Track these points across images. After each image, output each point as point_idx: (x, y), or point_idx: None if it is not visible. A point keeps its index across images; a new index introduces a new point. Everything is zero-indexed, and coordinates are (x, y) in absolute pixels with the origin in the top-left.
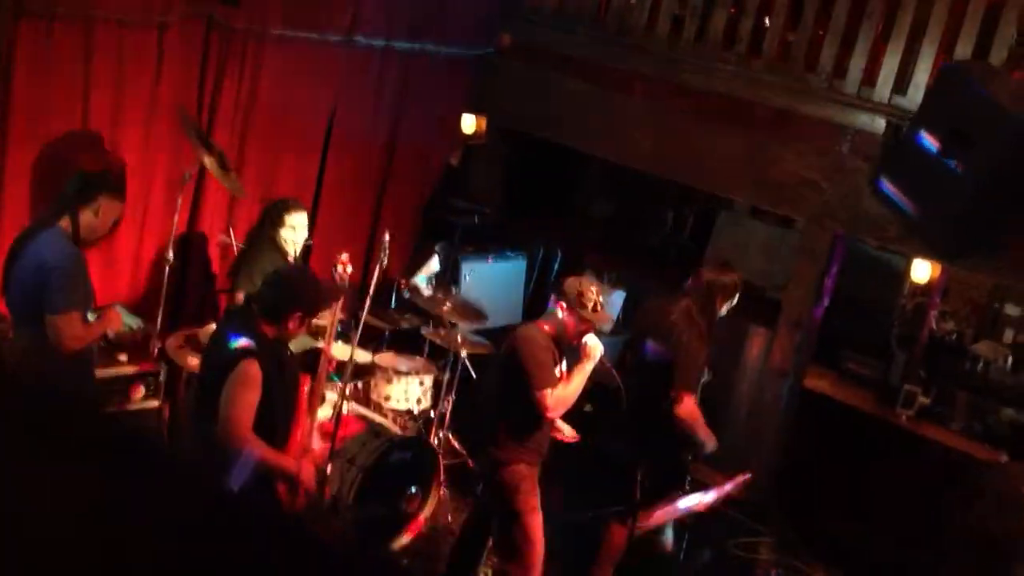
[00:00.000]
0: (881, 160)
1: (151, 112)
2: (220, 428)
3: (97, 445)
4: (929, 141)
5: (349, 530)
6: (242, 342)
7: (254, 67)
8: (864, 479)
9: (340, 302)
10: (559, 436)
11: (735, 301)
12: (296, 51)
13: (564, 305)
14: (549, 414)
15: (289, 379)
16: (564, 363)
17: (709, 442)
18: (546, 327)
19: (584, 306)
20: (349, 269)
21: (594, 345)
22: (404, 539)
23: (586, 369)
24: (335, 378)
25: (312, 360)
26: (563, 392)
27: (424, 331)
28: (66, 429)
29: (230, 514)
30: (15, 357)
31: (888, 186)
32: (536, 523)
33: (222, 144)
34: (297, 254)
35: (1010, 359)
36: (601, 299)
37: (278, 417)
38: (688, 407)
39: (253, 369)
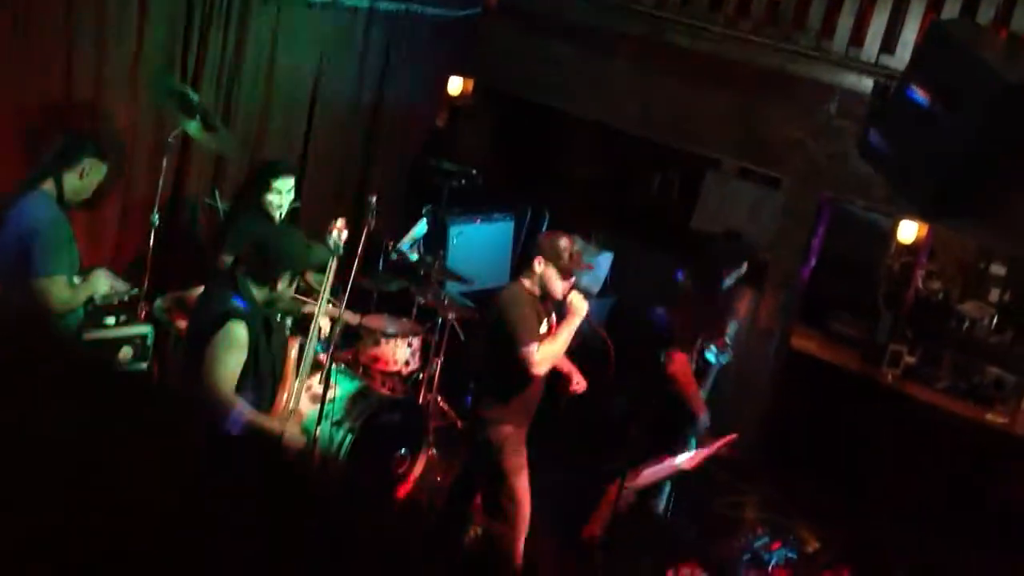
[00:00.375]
0: (869, 115)
1: (135, 73)
2: (204, 388)
3: (86, 383)
4: (920, 95)
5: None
6: (238, 303)
7: (239, 28)
8: (850, 438)
9: (333, 267)
10: (571, 388)
11: (742, 270)
12: (280, 12)
13: (541, 259)
14: (535, 370)
15: (276, 341)
16: (554, 317)
17: (700, 414)
18: (527, 284)
19: (560, 256)
20: (344, 235)
21: (579, 302)
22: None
23: (572, 324)
24: (319, 349)
25: (303, 324)
26: (550, 348)
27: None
28: (50, 366)
29: (229, 454)
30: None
31: (877, 140)
32: (522, 483)
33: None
34: (282, 217)
35: (996, 318)
36: (575, 248)
37: (263, 379)
38: (680, 365)
39: (239, 330)
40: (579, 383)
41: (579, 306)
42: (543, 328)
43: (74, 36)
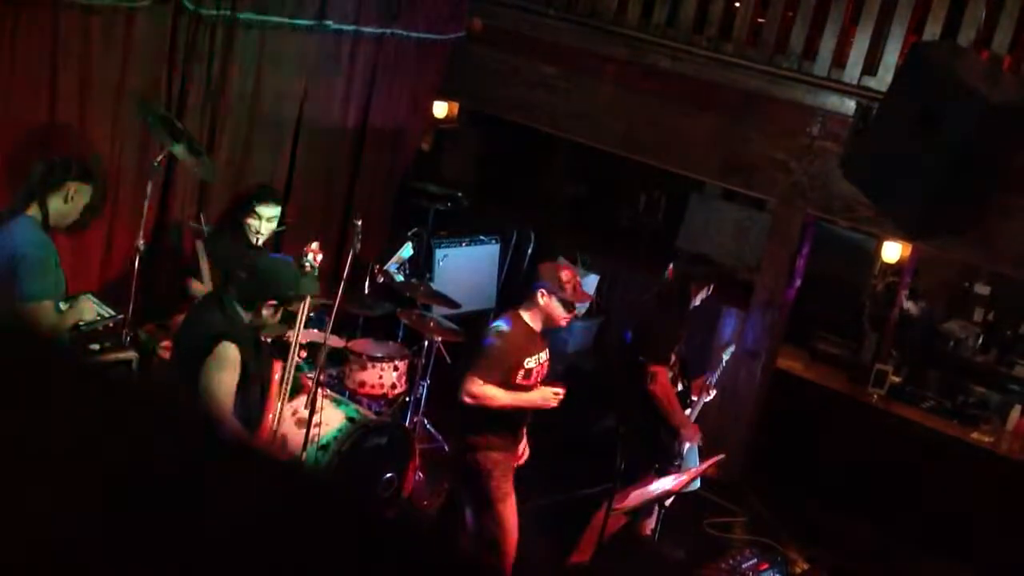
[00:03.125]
0: (852, 136)
1: (119, 98)
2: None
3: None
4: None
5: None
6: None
7: (223, 52)
8: (836, 458)
9: (314, 291)
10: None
11: (710, 291)
12: (265, 36)
13: (544, 291)
14: (462, 396)
15: (264, 362)
16: (547, 351)
17: (687, 430)
18: (527, 317)
19: (563, 288)
20: (319, 258)
21: (548, 399)
22: None
23: (522, 399)
24: (304, 367)
25: (283, 347)
26: (492, 394)
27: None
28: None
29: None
30: None
31: (860, 160)
32: (509, 510)
33: (191, 130)
34: (260, 243)
35: (980, 338)
36: (577, 280)
37: (252, 401)
38: (660, 381)
39: (232, 351)
40: (522, 457)
41: (547, 400)
42: (532, 363)
43: (59, 61)
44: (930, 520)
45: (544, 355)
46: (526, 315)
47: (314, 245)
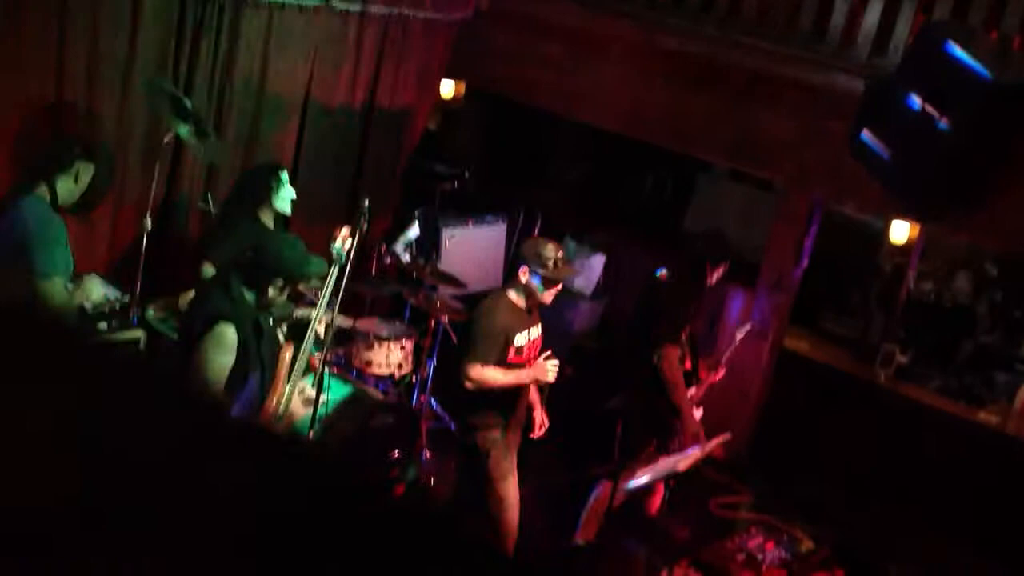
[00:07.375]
0: (861, 116)
1: (127, 76)
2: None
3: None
4: (916, 101)
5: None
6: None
7: (231, 33)
8: (843, 438)
9: (334, 274)
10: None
11: (727, 267)
12: (273, 15)
13: (526, 269)
14: (465, 383)
15: (267, 346)
16: (539, 327)
17: (684, 410)
18: (512, 295)
19: (544, 265)
20: (348, 243)
21: (548, 372)
22: None
23: (521, 376)
24: (314, 350)
25: (297, 329)
26: (492, 375)
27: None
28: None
29: (224, 431)
30: None
31: (869, 140)
32: (509, 488)
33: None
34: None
35: (988, 318)
36: (560, 255)
37: (253, 382)
38: (671, 361)
39: (228, 332)
40: (540, 428)
41: (543, 374)
42: (523, 340)
43: (67, 39)
44: (935, 500)
45: (536, 332)
46: (511, 293)
47: (344, 231)
